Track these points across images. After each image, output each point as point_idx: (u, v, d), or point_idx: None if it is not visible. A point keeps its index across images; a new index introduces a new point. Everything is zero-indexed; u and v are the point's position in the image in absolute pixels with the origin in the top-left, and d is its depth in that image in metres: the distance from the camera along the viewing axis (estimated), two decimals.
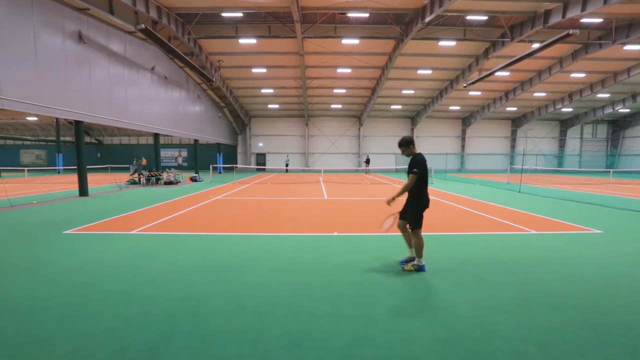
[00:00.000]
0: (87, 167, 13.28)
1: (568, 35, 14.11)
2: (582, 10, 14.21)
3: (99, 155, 37.87)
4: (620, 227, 7.03)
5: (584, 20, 17.03)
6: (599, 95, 28.60)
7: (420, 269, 4.29)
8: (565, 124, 36.11)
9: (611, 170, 22.48)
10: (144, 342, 2.67)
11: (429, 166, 4.39)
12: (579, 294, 3.66)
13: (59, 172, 30.73)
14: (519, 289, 3.77)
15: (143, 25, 13.03)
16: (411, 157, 4.21)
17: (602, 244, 5.74)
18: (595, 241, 5.93)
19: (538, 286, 3.85)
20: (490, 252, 5.17)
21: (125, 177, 18.93)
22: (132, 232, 6.49)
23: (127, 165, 23.75)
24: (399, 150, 4.38)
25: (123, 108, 14.93)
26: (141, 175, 17.27)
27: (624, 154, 34.38)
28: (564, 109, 31.92)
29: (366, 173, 30.07)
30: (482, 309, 3.28)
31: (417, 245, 4.26)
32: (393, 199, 4.18)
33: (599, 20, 17.14)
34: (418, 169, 4.05)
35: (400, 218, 4.39)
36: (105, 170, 29.92)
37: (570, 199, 11.55)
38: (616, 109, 30.28)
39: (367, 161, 31.31)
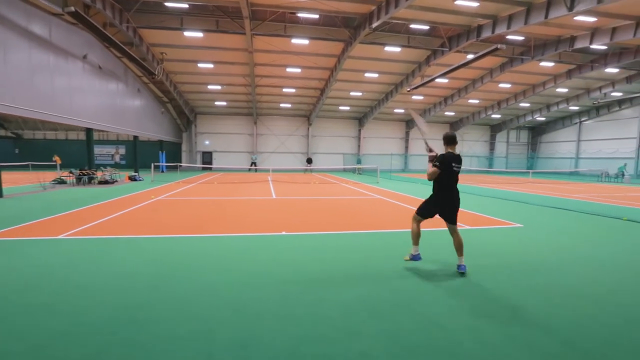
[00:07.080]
0: (2, 164, 11.68)
1: (496, 49, 15.76)
2: (508, 27, 15.92)
3: (17, 151, 33.43)
4: (538, 221, 8.00)
5: (510, 37, 19.01)
6: (521, 105, 32.03)
7: None
8: (495, 129, 39.97)
9: (530, 171, 25.33)
10: (78, 356, 2.47)
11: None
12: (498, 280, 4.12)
13: None
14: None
15: (72, 8, 11.82)
16: None
17: (521, 235, 6.51)
18: (515, 233, 6.69)
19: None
20: (421, 249, 5.55)
21: (51, 175, 17.01)
22: (59, 236, 5.88)
23: (53, 163, 21.30)
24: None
25: (48, 99, 13.35)
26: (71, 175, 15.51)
27: (541, 156, 39.31)
28: (493, 115, 35.22)
29: (307, 172, 31.84)
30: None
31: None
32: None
33: (521, 37, 19.28)
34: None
35: None
36: (25, 167, 26.43)
37: (497, 197, 12.85)
38: (534, 117, 34.29)
39: (309, 161, 33.67)
